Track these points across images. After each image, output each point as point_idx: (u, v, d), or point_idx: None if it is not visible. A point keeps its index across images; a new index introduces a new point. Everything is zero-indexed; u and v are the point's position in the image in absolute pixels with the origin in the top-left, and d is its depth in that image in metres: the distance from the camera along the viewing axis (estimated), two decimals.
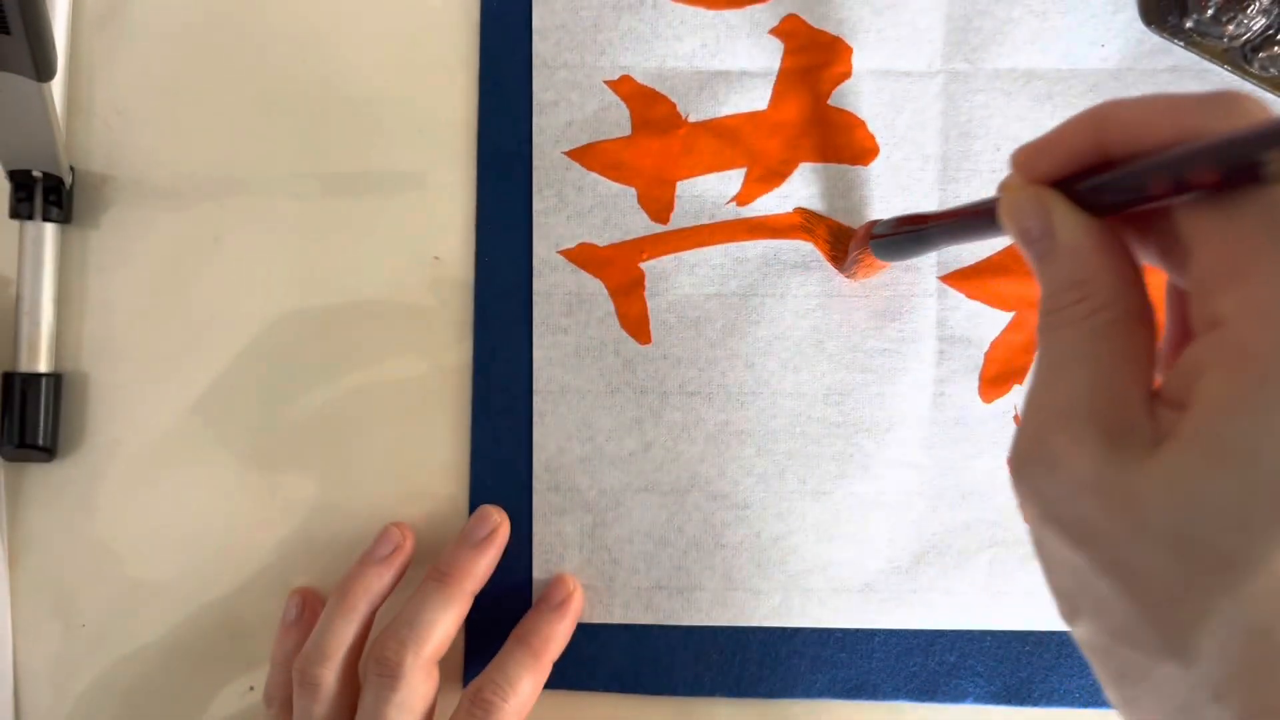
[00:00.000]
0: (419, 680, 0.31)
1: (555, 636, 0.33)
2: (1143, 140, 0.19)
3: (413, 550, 0.34)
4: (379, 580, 0.33)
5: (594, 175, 0.35)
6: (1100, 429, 0.18)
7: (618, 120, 0.36)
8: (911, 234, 0.30)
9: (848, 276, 0.35)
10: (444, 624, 0.32)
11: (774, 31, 0.35)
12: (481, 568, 0.33)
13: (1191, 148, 0.18)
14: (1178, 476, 0.17)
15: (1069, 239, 0.20)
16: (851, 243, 0.34)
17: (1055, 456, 0.19)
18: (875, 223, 0.32)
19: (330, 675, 0.31)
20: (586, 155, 0.36)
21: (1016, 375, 0.35)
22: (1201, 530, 0.16)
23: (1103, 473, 0.18)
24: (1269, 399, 0.16)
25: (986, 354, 0.35)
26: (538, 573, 0.35)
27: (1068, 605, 0.20)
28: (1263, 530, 0.16)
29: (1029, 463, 0.19)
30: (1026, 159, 0.22)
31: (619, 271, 0.35)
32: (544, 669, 0.33)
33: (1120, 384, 0.19)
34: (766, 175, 0.35)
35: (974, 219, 0.26)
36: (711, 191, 0.35)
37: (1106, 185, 0.20)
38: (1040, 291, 0.21)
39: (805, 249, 0.35)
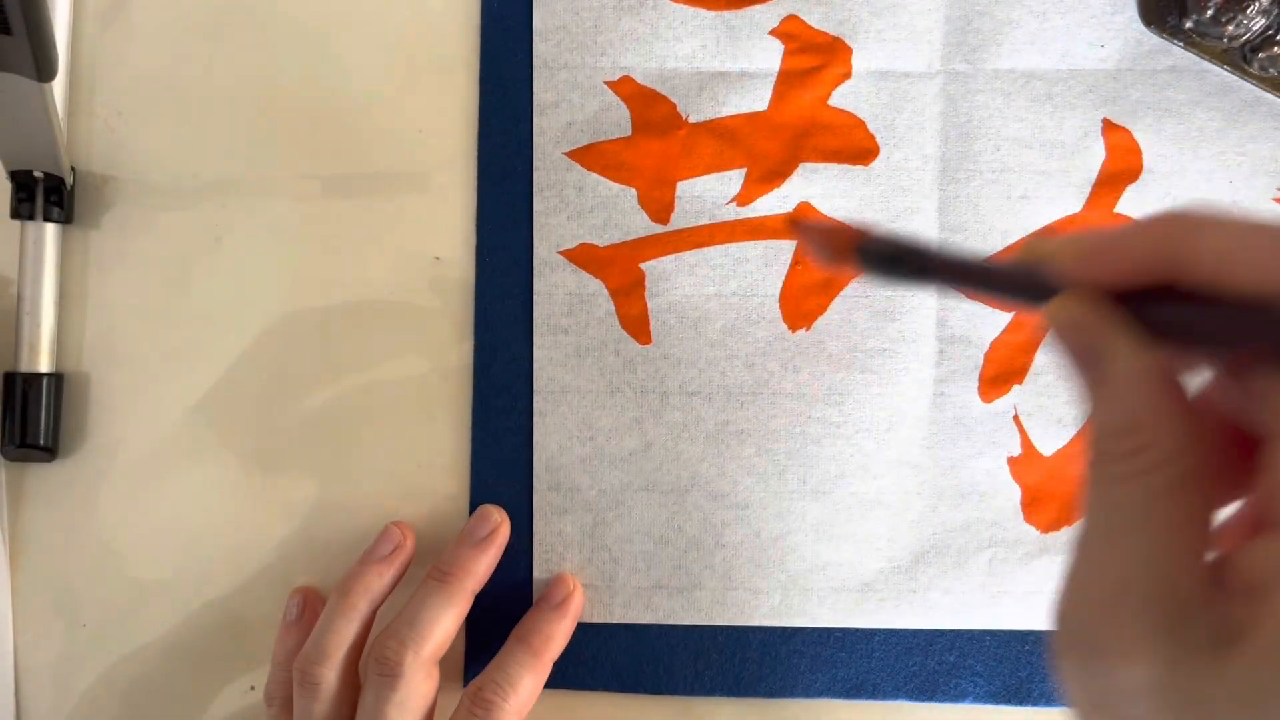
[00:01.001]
0: (419, 679, 0.31)
1: (556, 636, 0.33)
2: (1234, 275, 0.16)
3: (413, 549, 0.34)
4: (379, 579, 0.33)
5: (594, 176, 0.36)
6: (1163, 621, 0.16)
7: (618, 121, 0.36)
8: (908, 269, 0.23)
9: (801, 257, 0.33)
10: (444, 623, 0.32)
11: (774, 32, 0.36)
12: (482, 567, 0.33)
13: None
14: (1257, 692, 0.15)
15: (1129, 374, 0.17)
16: (828, 239, 0.31)
17: (1111, 651, 0.16)
18: (866, 233, 0.28)
19: (330, 674, 0.31)
20: (587, 156, 0.36)
21: (1016, 375, 0.35)
22: None
23: (1171, 680, 0.15)
24: None
25: (986, 354, 0.35)
26: (538, 572, 0.35)
27: None
28: None
29: (1079, 654, 0.17)
30: (1085, 259, 0.18)
31: (619, 272, 0.35)
32: (544, 668, 0.33)
33: (1180, 561, 0.16)
34: (767, 176, 0.35)
35: (1001, 286, 0.21)
36: (712, 192, 0.35)
37: (1193, 321, 0.17)
38: (1088, 425, 0.18)
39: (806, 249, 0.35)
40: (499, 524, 0.34)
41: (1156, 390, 0.17)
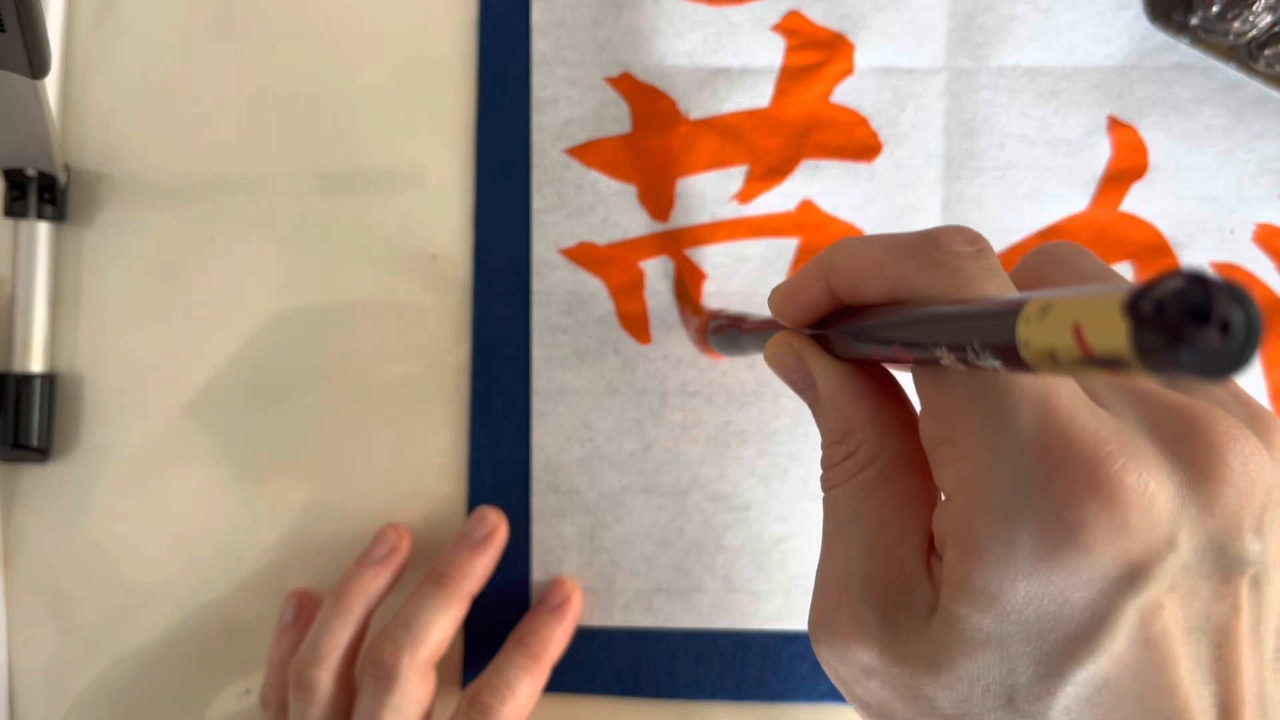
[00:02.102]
0: (415, 683, 0.31)
1: (554, 639, 0.33)
2: (861, 292, 0.19)
3: (409, 552, 0.34)
4: (375, 582, 0.33)
5: (594, 173, 0.35)
6: (878, 602, 0.18)
7: (618, 118, 0.35)
8: (730, 335, 0.29)
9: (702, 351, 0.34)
10: (441, 626, 0.31)
11: (776, 28, 0.35)
12: (480, 569, 0.33)
13: (886, 324, 0.18)
14: (944, 657, 0.17)
15: (827, 389, 0.20)
16: (692, 326, 0.34)
17: (840, 637, 0.18)
18: (716, 314, 0.32)
19: (326, 677, 0.31)
20: (586, 153, 0.35)
21: None
22: (979, 711, 0.17)
23: (884, 656, 0.18)
24: (993, 584, 0.16)
25: None
26: (536, 574, 0.35)
27: None
28: (1028, 709, 0.16)
29: (821, 643, 0.19)
30: (778, 306, 0.22)
31: (619, 270, 0.35)
32: (543, 672, 0.33)
33: (892, 544, 0.18)
34: (768, 173, 0.35)
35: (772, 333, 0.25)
36: (712, 189, 0.35)
37: (837, 339, 0.20)
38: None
39: (807, 248, 0.35)
40: (497, 526, 0.34)
41: (855, 398, 0.20)
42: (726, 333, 0.30)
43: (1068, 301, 0.12)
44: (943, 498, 0.18)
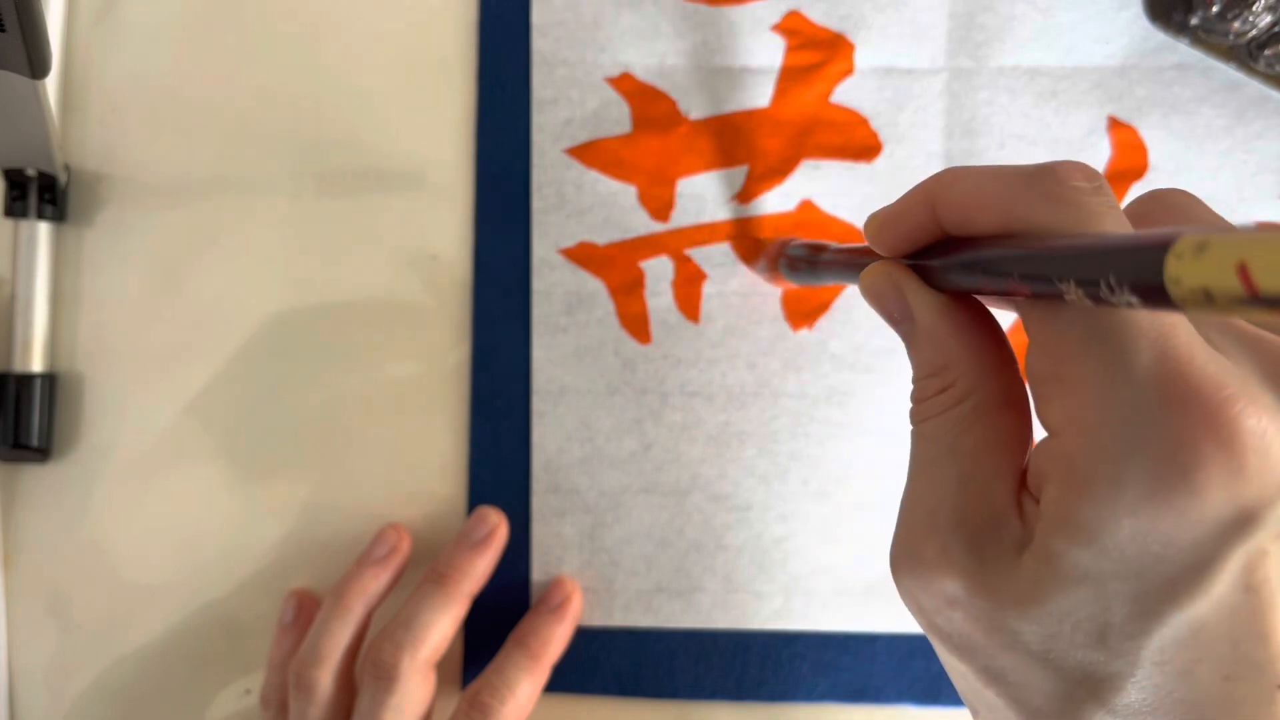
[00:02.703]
0: (415, 683, 0.30)
1: (554, 639, 0.33)
2: (972, 223, 0.19)
3: (409, 551, 0.34)
4: (375, 582, 0.33)
5: (594, 173, 0.35)
6: (967, 536, 0.18)
7: (618, 118, 0.35)
8: (810, 262, 0.29)
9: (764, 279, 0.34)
10: (441, 626, 0.31)
11: (776, 28, 0.35)
12: (480, 569, 0.33)
13: (1005, 257, 0.17)
14: (1035, 593, 0.17)
15: (926, 322, 0.20)
16: (763, 254, 0.33)
17: (925, 568, 0.18)
18: (788, 241, 0.31)
19: (326, 677, 0.31)
20: (586, 153, 0.35)
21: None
22: (1066, 648, 0.17)
23: (971, 588, 0.18)
24: (1098, 521, 0.16)
25: None
26: (536, 574, 0.35)
27: (967, 702, 0.20)
28: (1119, 647, 0.16)
29: (903, 572, 0.19)
30: (875, 233, 0.21)
31: (619, 270, 0.35)
32: (543, 672, 0.33)
33: (985, 480, 0.18)
34: (768, 173, 0.35)
35: (847, 268, 0.25)
36: (713, 189, 0.35)
37: (944, 270, 0.20)
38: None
39: None
40: (497, 526, 0.34)
41: (952, 331, 0.19)
42: (805, 264, 0.29)
43: (1230, 240, 0.12)
44: (1039, 437, 0.18)
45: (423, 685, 0.31)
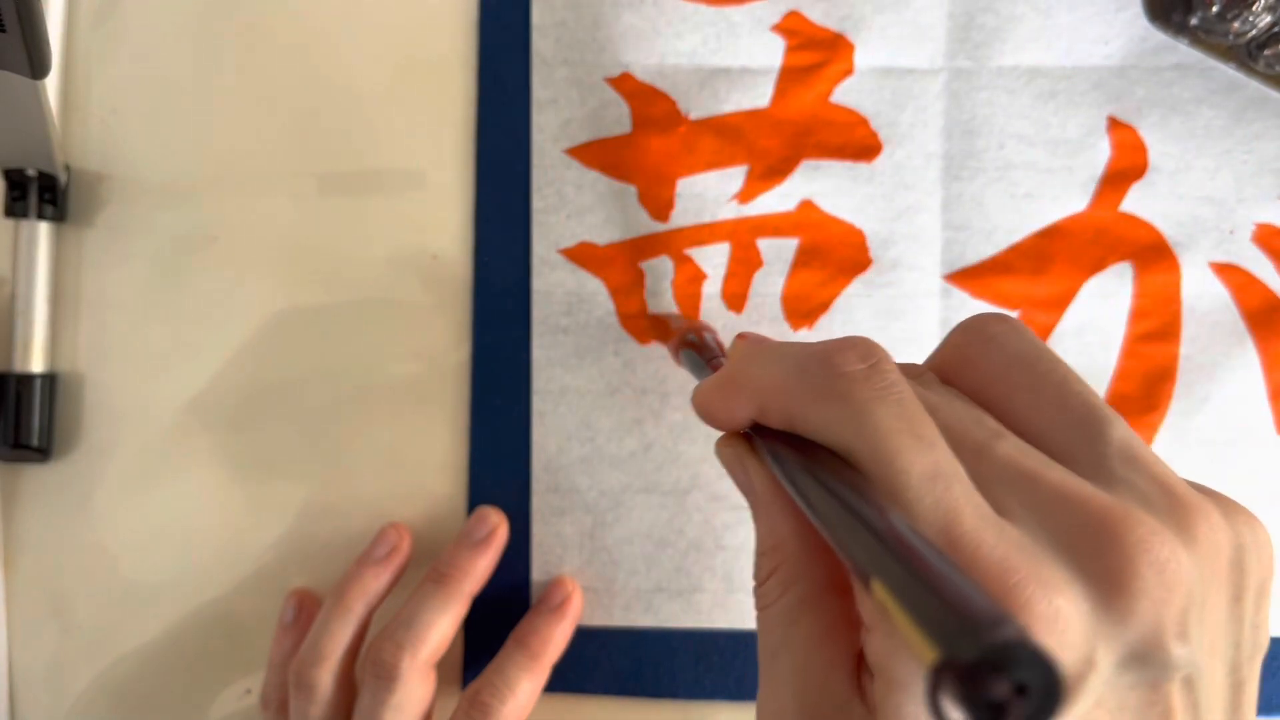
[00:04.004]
0: (416, 682, 0.31)
1: (554, 638, 0.33)
2: (767, 414, 0.19)
3: (410, 551, 0.34)
4: (376, 581, 0.33)
5: (594, 173, 0.35)
6: None
7: (618, 118, 0.35)
8: (693, 358, 0.29)
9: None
10: (441, 625, 0.31)
11: (776, 28, 0.35)
12: (480, 569, 0.33)
13: (787, 472, 0.18)
14: None
15: (762, 498, 0.20)
16: (670, 337, 0.33)
17: None
18: (688, 330, 0.31)
19: (326, 677, 0.31)
20: (586, 153, 0.35)
21: None
22: None
23: None
24: (922, 717, 0.16)
25: None
26: (536, 574, 0.35)
27: None
28: None
29: None
30: (702, 413, 0.21)
31: (619, 270, 0.35)
32: (543, 671, 0.33)
33: (821, 672, 0.18)
34: (768, 173, 0.35)
35: None
36: (712, 189, 0.35)
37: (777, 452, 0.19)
38: None
39: (807, 248, 0.35)
40: (497, 525, 0.34)
41: (780, 513, 0.19)
42: (690, 357, 0.29)
43: (901, 618, 0.13)
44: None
45: (423, 685, 0.31)
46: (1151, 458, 0.17)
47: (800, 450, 0.18)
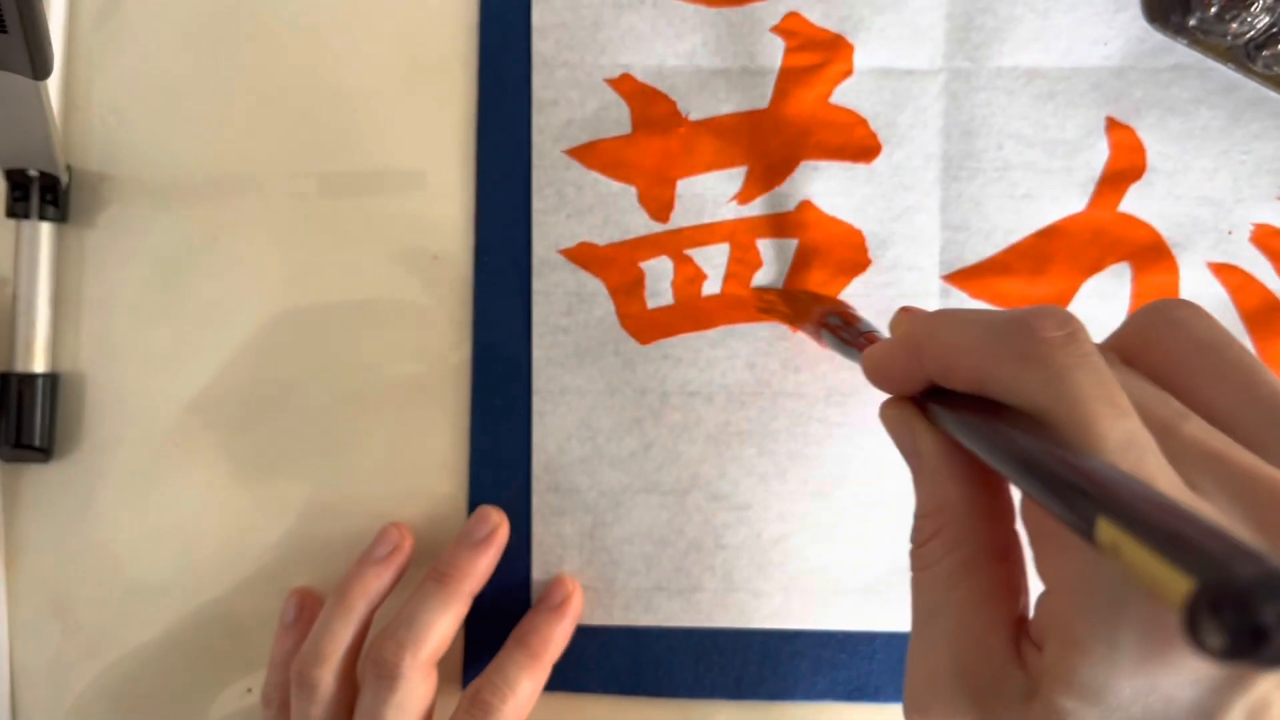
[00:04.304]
0: (417, 681, 0.31)
1: (554, 638, 0.33)
2: (953, 375, 0.19)
3: (411, 550, 0.34)
4: (377, 580, 0.33)
5: (594, 174, 0.35)
6: (970, 692, 0.18)
7: (618, 119, 0.35)
8: (840, 342, 0.29)
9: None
10: (442, 625, 0.31)
11: (775, 29, 0.35)
12: (481, 568, 0.33)
13: (976, 439, 0.18)
14: None
15: (928, 462, 0.20)
16: (808, 317, 0.33)
17: None
18: (829, 310, 0.31)
19: (328, 676, 0.31)
20: (586, 154, 0.35)
21: None
22: None
23: None
24: (1099, 681, 0.16)
25: None
26: (537, 573, 0.35)
27: None
28: None
29: None
30: (872, 376, 0.21)
31: (619, 271, 0.35)
32: (543, 670, 0.33)
33: (980, 634, 0.18)
34: (767, 174, 0.35)
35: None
36: (712, 190, 0.35)
37: (942, 420, 0.20)
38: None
39: (807, 248, 0.35)
40: (498, 525, 0.34)
41: (948, 478, 0.19)
42: (839, 339, 0.29)
43: (1138, 555, 0.13)
44: (1040, 589, 0.18)
45: (424, 684, 0.31)
46: None
47: (991, 413, 0.18)
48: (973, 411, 0.18)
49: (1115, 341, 0.20)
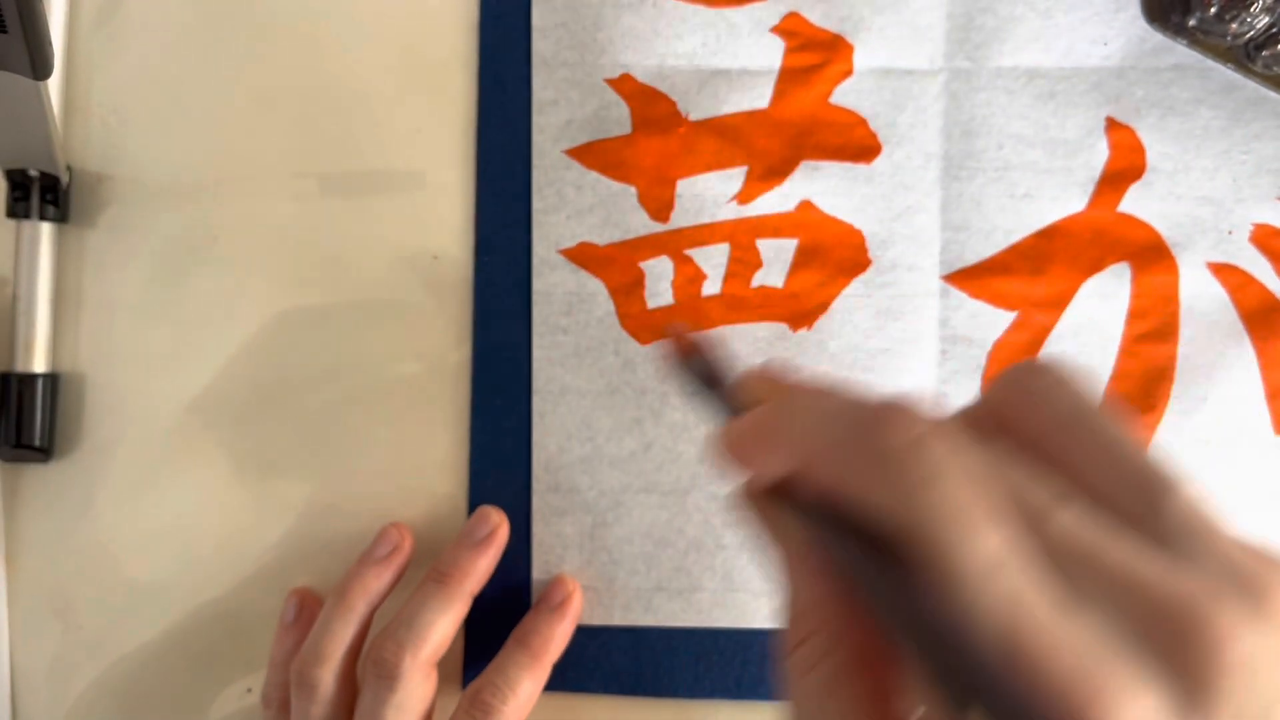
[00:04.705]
0: (417, 681, 0.31)
1: (554, 638, 0.33)
2: (806, 479, 0.18)
3: (411, 551, 0.34)
4: (377, 580, 0.33)
5: (594, 174, 0.35)
6: None
7: (618, 119, 0.35)
8: (698, 387, 0.25)
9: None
10: (442, 625, 0.31)
11: (775, 29, 0.35)
12: (481, 568, 0.33)
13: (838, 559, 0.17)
14: None
15: (797, 555, 0.18)
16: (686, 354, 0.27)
17: None
18: (692, 349, 0.26)
19: (328, 676, 0.31)
20: (586, 154, 0.35)
21: None
22: None
23: None
24: None
25: (989, 354, 0.35)
26: (537, 573, 0.35)
27: None
28: None
29: None
30: (734, 457, 0.19)
31: (619, 271, 0.35)
32: (543, 670, 0.33)
33: None
34: (767, 174, 0.35)
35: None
36: (712, 190, 0.35)
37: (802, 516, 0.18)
38: None
39: (806, 248, 0.35)
40: (498, 525, 0.34)
41: (808, 580, 0.18)
42: (694, 381, 0.25)
43: None
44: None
45: (424, 684, 0.31)
46: (1217, 526, 0.16)
47: (846, 522, 0.17)
48: (831, 516, 0.17)
49: (983, 410, 0.18)
